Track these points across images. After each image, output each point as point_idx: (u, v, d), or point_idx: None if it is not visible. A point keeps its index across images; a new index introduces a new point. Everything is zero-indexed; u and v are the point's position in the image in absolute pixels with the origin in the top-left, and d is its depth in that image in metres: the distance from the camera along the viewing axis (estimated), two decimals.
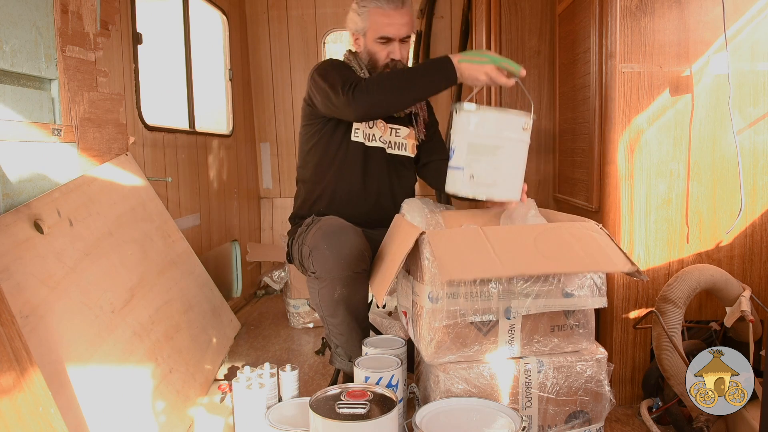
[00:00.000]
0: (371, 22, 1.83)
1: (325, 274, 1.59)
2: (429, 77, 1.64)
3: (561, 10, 2.25)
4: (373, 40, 1.84)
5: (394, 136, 1.92)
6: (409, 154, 1.96)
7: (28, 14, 1.63)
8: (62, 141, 1.76)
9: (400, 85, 1.66)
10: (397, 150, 1.93)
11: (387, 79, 1.69)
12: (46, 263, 1.51)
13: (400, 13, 1.83)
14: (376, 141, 1.88)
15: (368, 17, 1.83)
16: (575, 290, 1.38)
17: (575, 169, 2.11)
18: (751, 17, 1.68)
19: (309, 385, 2.09)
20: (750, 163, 1.71)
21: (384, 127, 1.90)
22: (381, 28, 1.83)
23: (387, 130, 1.91)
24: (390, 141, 1.90)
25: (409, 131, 1.96)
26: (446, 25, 3.71)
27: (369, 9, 1.83)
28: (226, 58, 3.42)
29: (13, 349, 1.19)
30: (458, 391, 1.36)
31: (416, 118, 1.99)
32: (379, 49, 1.84)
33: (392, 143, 1.91)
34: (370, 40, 1.85)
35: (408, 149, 1.95)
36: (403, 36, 1.85)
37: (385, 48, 1.84)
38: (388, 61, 1.85)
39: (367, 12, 1.84)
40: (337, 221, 1.64)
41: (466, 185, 1.55)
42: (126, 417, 1.54)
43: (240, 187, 3.50)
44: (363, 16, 1.84)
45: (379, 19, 1.82)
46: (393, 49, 1.85)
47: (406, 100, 1.73)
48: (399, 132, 1.94)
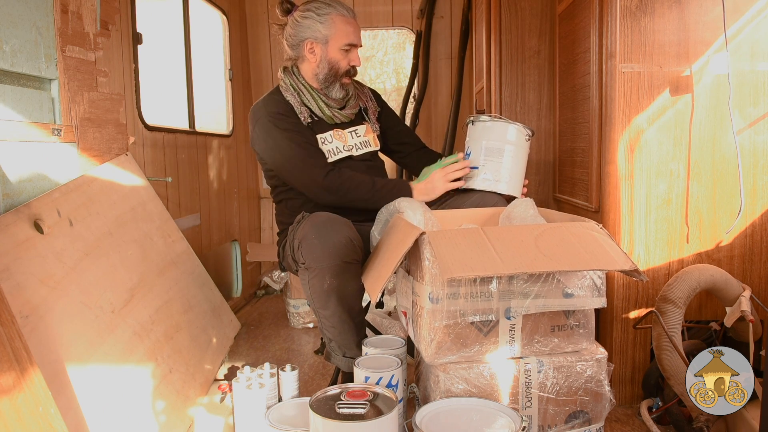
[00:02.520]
0: (337, 30, 1.83)
1: (314, 264, 1.59)
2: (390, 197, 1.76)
3: (561, 10, 2.25)
4: (338, 48, 1.85)
5: (355, 138, 1.95)
6: (374, 147, 1.99)
7: (28, 14, 1.63)
8: (62, 141, 1.76)
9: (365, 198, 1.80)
10: (364, 149, 1.96)
11: (362, 185, 1.80)
12: (46, 263, 1.51)
13: (356, 22, 1.88)
14: (342, 152, 1.90)
15: (332, 24, 1.83)
16: (575, 290, 1.38)
17: (575, 169, 2.11)
18: (751, 17, 1.68)
19: (309, 385, 2.09)
20: (750, 163, 1.71)
21: (342, 134, 1.92)
22: (347, 35, 1.84)
23: (346, 135, 1.93)
24: (354, 144, 1.93)
25: (365, 127, 1.99)
26: (446, 25, 3.71)
27: (331, 16, 1.83)
28: (226, 58, 3.42)
29: (13, 349, 1.19)
30: (458, 391, 1.36)
31: (366, 112, 2.02)
32: (341, 57, 1.85)
33: (356, 145, 1.94)
34: (334, 48, 1.85)
35: (372, 144, 1.99)
36: (361, 46, 1.90)
37: (347, 56, 1.86)
38: (349, 68, 1.87)
39: (330, 18, 1.83)
40: (326, 214, 1.66)
41: (480, 181, 1.86)
42: (126, 417, 1.54)
43: (240, 187, 3.50)
44: (326, 23, 1.83)
45: (344, 27, 1.83)
46: (354, 56, 1.88)
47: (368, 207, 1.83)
48: (358, 131, 1.97)
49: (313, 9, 1.84)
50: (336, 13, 1.83)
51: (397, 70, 4.15)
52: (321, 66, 1.87)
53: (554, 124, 2.42)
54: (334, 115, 1.90)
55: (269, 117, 1.83)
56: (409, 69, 3.73)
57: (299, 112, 1.86)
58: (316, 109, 1.88)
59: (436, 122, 3.79)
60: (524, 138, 1.86)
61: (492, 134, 1.85)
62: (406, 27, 3.77)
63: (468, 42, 3.48)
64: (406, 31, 3.82)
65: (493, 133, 1.85)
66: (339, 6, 1.85)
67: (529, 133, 1.87)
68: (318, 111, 1.88)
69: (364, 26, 3.76)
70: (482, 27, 2.69)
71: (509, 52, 2.49)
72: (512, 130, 1.85)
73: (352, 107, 1.96)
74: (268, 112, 1.85)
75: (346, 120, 1.94)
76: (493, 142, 1.85)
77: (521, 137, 1.86)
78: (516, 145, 1.84)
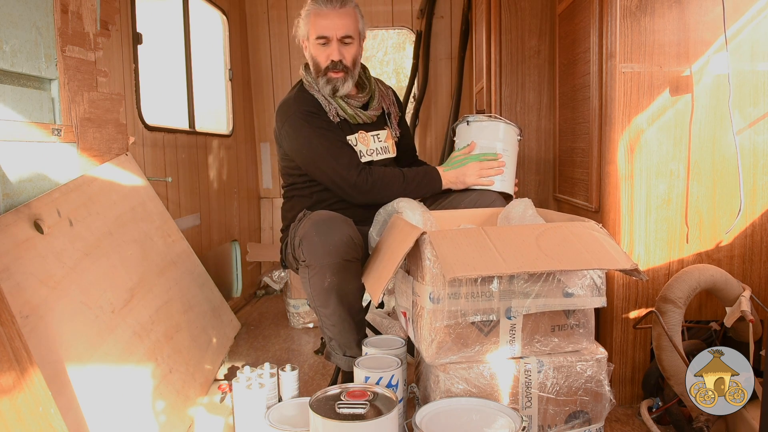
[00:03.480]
0: (311, 25, 1.84)
1: (314, 261, 1.59)
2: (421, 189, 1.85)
3: (561, 10, 2.25)
4: (313, 43, 1.85)
5: (377, 142, 1.94)
6: (392, 155, 1.99)
7: (28, 14, 1.63)
8: (62, 141, 1.76)
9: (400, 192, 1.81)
10: (383, 154, 1.96)
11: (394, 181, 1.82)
12: (46, 263, 1.51)
13: (338, 13, 1.81)
14: (364, 156, 1.90)
15: (308, 20, 1.85)
16: (575, 290, 1.38)
17: (575, 169, 2.11)
18: (751, 17, 1.68)
19: (309, 385, 2.08)
20: (750, 163, 1.71)
21: (366, 136, 1.91)
22: (317, 28, 1.82)
23: (369, 138, 1.92)
24: (375, 148, 1.93)
25: (387, 132, 1.98)
26: (446, 25, 3.71)
27: (310, 12, 1.84)
28: (226, 58, 3.41)
29: (13, 349, 1.19)
30: (458, 391, 1.36)
31: (389, 117, 2.01)
32: (319, 51, 1.84)
33: (377, 150, 1.93)
34: (312, 43, 1.85)
35: (390, 151, 1.98)
36: (341, 36, 1.82)
37: (325, 50, 1.83)
38: (328, 63, 1.83)
39: (308, 14, 1.85)
40: (327, 212, 1.66)
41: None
42: (126, 417, 1.53)
43: (240, 187, 3.50)
44: (305, 20, 1.86)
45: (316, 20, 1.83)
46: (331, 50, 1.83)
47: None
48: (380, 136, 1.96)
49: (304, 8, 1.88)
50: (314, 8, 1.83)
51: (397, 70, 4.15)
52: (311, 63, 1.89)
53: (554, 124, 2.42)
54: (357, 115, 1.89)
55: (301, 115, 1.82)
56: (409, 69, 3.73)
57: (328, 110, 1.85)
58: (339, 109, 1.87)
59: (436, 122, 3.79)
60: (516, 137, 1.95)
61: (489, 134, 1.91)
62: (406, 27, 3.77)
63: (468, 42, 3.48)
64: (406, 31, 3.82)
65: (490, 133, 1.91)
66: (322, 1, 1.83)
67: (519, 131, 1.97)
68: (341, 111, 1.87)
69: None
70: (482, 27, 2.69)
71: (509, 52, 2.49)
72: (509, 131, 1.93)
73: (375, 109, 1.95)
74: (299, 109, 1.83)
75: (369, 121, 1.92)
76: (490, 142, 1.91)
77: (514, 136, 1.95)
78: (510, 145, 1.93)
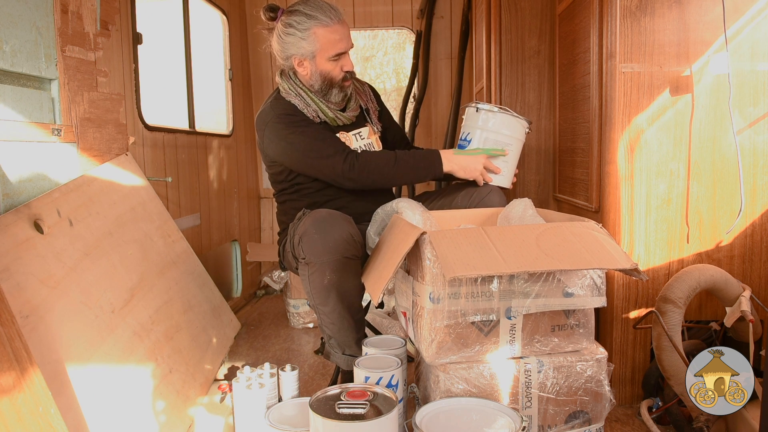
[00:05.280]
0: (321, 43, 1.79)
1: (314, 258, 1.59)
2: (418, 171, 1.81)
3: (561, 10, 2.25)
4: (326, 60, 1.81)
5: (360, 140, 1.94)
6: (377, 149, 1.98)
7: (28, 14, 1.63)
8: (62, 141, 1.76)
9: (392, 174, 1.81)
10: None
11: (383, 165, 1.80)
12: (46, 263, 1.51)
13: (342, 25, 1.82)
14: None
15: (315, 38, 1.79)
16: (575, 289, 1.38)
17: (575, 169, 2.11)
18: (751, 17, 1.68)
19: (309, 385, 2.08)
20: (750, 163, 1.71)
21: (347, 136, 1.91)
22: (332, 45, 1.79)
23: (351, 138, 1.92)
24: (358, 146, 1.92)
25: (368, 129, 1.98)
26: (446, 25, 3.71)
27: (313, 29, 1.78)
28: (226, 58, 3.41)
29: (13, 349, 1.19)
30: (458, 391, 1.36)
31: (368, 113, 2.01)
32: (332, 66, 1.82)
33: (361, 147, 1.92)
34: (322, 60, 1.81)
35: (375, 146, 1.97)
36: (351, 47, 1.85)
37: (338, 63, 1.83)
38: (344, 74, 1.84)
39: (312, 32, 1.78)
40: (326, 210, 1.66)
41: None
42: (126, 417, 1.54)
43: (240, 187, 3.50)
44: (309, 39, 1.79)
45: (328, 37, 1.79)
46: (345, 62, 1.84)
47: (394, 185, 1.92)
48: (362, 134, 1.95)
49: (294, 24, 1.79)
50: (318, 25, 1.77)
51: (397, 70, 4.15)
52: (314, 78, 1.85)
53: (554, 124, 2.42)
54: (337, 117, 1.89)
55: (278, 119, 1.82)
56: (409, 69, 3.73)
57: (307, 113, 1.84)
58: (319, 111, 1.87)
59: (436, 122, 3.79)
60: (525, 132, 1.89)
61: (496, 126, 1.85)
62: (406, 27, 3.77)
63: (468, 42, 3.48)
64: (406, 31, 3.82)
65: (496, 125, 1.85)
66: (321, 14, 1.78)
67: (528, 123, 1.89)
68: (321, 114, 1.87)
69: (364, 26, 3.76)
70: (482, 27, 2.69)
71: (509, 52, 2.49)
72: (516, 125, 1.86)
73: (354, 109, 1.95)
74: (277, 114, 1.83)
75: (349, 122, 1.93)
76: (496, 134, 1.85)
77: (523, 132, 1.88)
78: (518, 140, 1.88)
